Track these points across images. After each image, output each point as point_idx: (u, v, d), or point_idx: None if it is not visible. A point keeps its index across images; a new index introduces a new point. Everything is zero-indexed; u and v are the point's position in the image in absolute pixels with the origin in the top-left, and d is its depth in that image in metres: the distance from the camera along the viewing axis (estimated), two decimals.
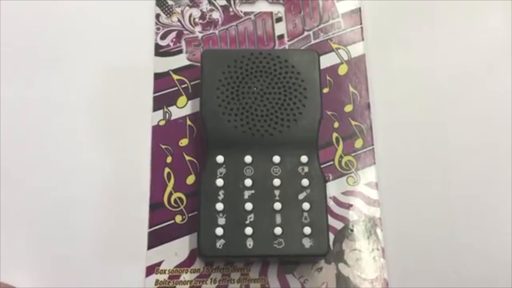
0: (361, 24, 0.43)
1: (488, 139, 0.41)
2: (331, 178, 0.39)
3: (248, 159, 0.36)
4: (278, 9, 0.43)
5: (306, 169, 0.36)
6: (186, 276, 0.36)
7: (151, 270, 0.36)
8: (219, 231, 0.34)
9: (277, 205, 0.35)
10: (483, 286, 0.37)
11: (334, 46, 0.42)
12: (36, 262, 0.37)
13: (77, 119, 0.40)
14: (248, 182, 0.35)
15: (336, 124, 0.40)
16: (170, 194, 0.38)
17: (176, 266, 0.36)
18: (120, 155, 0.39)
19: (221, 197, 0.35)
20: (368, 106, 0.41)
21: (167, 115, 0.40)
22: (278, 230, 0.34)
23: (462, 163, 0.40)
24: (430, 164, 0.40)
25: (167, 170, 0.38)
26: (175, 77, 0.41)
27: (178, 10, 0.43)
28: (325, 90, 0.41)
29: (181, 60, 0.41)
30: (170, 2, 0.43)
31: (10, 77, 0.41)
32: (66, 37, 0.42)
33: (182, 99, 0.40)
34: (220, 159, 0.36)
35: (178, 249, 0.37)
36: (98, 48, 0.42)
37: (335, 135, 0.40)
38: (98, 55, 0.42)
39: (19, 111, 0.40)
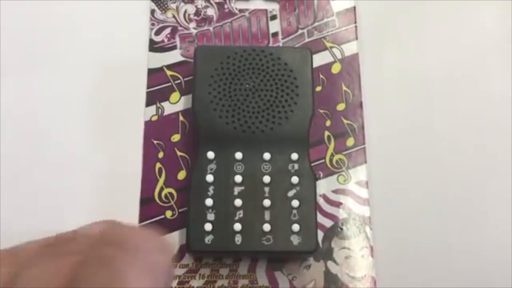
0: (355, 23, 0.43)
1: (479, 138, 0.41)
2: (321, 176, 0.39)
3: (238, 155, 0.36)
4: (273, 7, 0.43)
5: (296, 166, 0.36)
6: (175, 271, 0.36)
7: None
8: (208, 226, 0.34)
9: (266, 202, 0.35)
10: (472, 284, 0.37)
11: (328, 44, 0.42)
12: None
13: (70, 113, 0.40)
14: (238, 178, 0.35)
15: (328, 123, 0.40)
16: (161, 189, 0.38)
17: None
18: (112, 149, 0.40)
19: (211, 192, 0.35)
20: (361, 105, 0.41)
21: (160, 110, 0.40)
22: (266, 227, 0.34)
23: (453, 163, 0.40)
24: (421, 164, 0.40)
25: (158, 165, 0.39)
26: (169, 73, 0.41)
27: (173, 6, 0.43)
28: (318, 89, 0.41)
29: (175, 56, 0.41)
30: None
31: (4, 72, 0.41)
32: (60, 32, 0.42)
33: (175, 95, 0.40)
34: (211, 155, 0.36)
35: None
36: (92, 43, 0.42)
37: (327, 133, 0.40)
38: (92, 50, 0.42)
39: (11, 105, 0.40)
